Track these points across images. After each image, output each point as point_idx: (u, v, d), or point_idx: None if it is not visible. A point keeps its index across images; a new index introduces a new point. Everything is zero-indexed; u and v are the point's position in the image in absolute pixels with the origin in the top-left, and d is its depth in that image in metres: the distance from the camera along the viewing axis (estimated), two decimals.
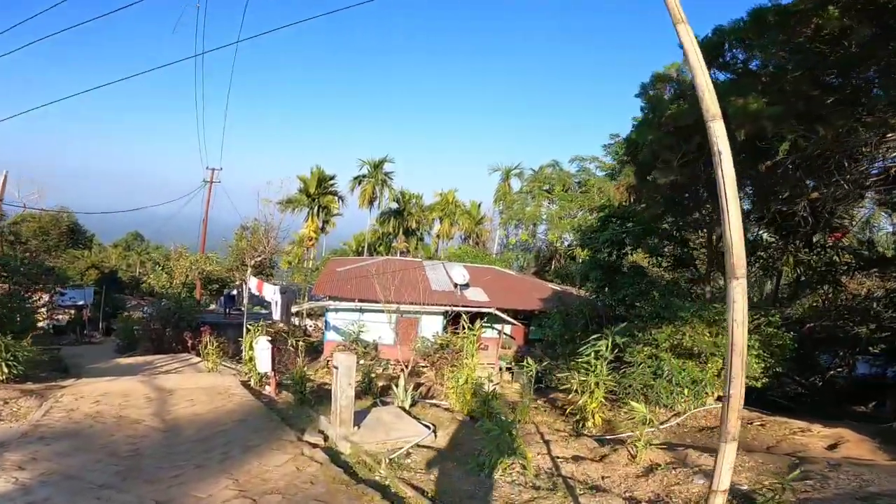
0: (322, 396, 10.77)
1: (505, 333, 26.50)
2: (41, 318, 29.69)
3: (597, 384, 8.94)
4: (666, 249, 15.89)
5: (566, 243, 37.18)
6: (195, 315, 19.76)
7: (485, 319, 23.93)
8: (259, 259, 30.20)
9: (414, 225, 41.14)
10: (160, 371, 13.23)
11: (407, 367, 18.61)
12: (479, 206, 42.95)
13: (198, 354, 14.25)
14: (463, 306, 22.11)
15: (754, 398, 11.01)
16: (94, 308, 28.44)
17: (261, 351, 10.32)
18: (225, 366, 14.18)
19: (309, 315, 30.74)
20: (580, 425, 9.44)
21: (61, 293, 30.04)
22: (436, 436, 7.59)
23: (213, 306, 28.24)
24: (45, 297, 29.39)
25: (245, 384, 10.83)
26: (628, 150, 15.39)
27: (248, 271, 23.69)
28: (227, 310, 22.78)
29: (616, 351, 9.62)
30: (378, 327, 21.50)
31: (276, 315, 16.68)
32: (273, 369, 10.58)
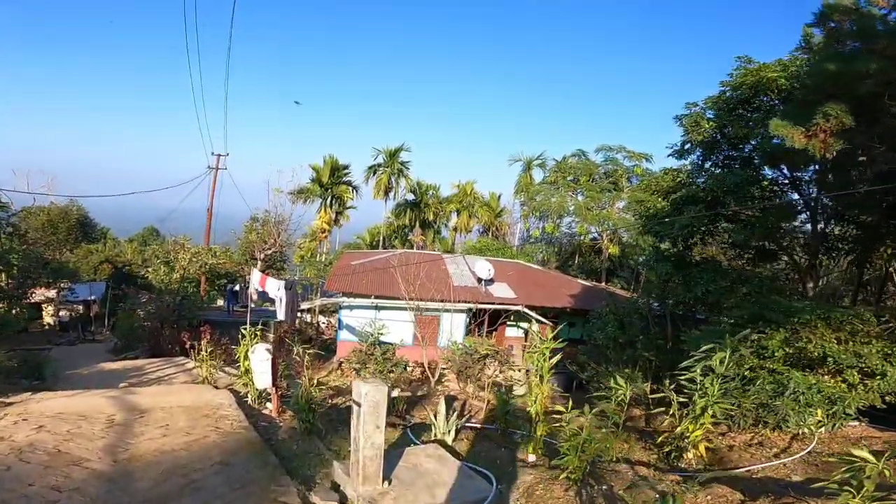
0: (335, 420, 8.58)
1: (530, 332, 24.19)
2: (47, 315, 28.17)
3: (703, 408, 6.52)
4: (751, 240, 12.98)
5: (592, 236, 34.72)
6: (196, 312, 17.61)
7: (510, 318, 21.58)
8: (269, 252, 28.16)
9: (431, 217, 38.80)
10: (147, 379, 11.08)
11: (433, 373, 16.39)
12: (499, 197, 40.56)
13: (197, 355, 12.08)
14: (488, 303, 19.80)
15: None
16: (103, 304, 26.56)
17: (258, 363, 8.10)
18: (224, 372, 12.01)
19: (322, 312, 28.64)
20: (674, 456, 7.09)
21: (70, 289, 28.41)
22: (502, 493, 5.30)
23: (220, 302, 26.29)
24: (51, 293, 27.91)
25: (241, 400, 8.62)
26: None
27: (258, 265, 21.59)
28: (231, 307, 20.68)
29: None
30: (395, 326, 19.22)
31: (281, 314, 14.45)
32: (275, 384, 8.33)
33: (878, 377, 7.53)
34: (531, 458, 6.80)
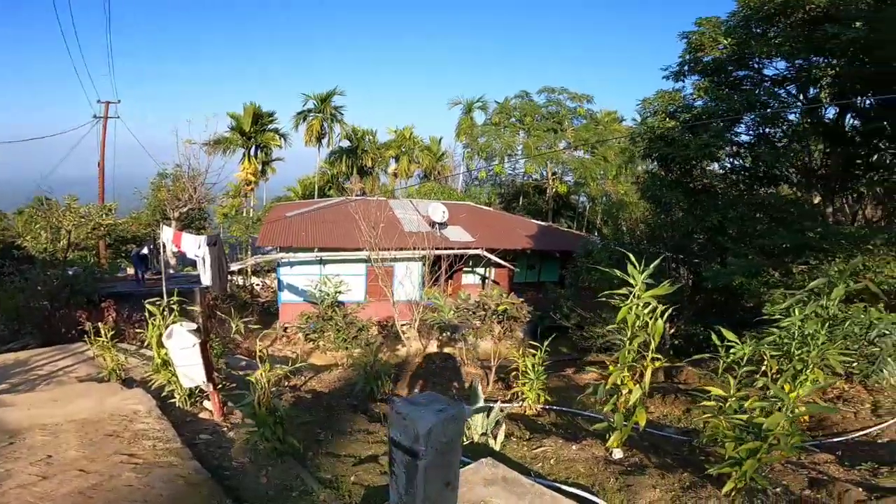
0: (308, 425, 6.49)
1: (487, 278, 22.83)
2: None
3: (805, 361, 4.99)
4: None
5: (536, 177, 33.83)
6: (96, 286, 14.25)
7: (469, 263, 19.90)
8: (185, 210, 24.28)
9: (369, 164, 35.88)
10: (35, 377, 8.22)
11: (406, 334, 14.41)
12: (440, 141, 38.30)
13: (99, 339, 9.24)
14: (447, 248, 17.94)
15: None
16: None
17: (179, 352, 5.63)
18: (140, 357, 9.39)
19: (255, 272, 25.56)
20: None
21: None
22: None
23: (130, 270, 22.47)
24: None
25: (165, 403, 6.24)
26: None
27: (172, 224, 18.14)
28: (142, 274, 17.31)
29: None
30: (344, 281, 16.98)
31: (206, 278, 11.68)
32: (210, 379, 5.98)
33: None
34: (617, 453, 5.09)
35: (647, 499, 4.14)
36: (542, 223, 25.84)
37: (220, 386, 6.46)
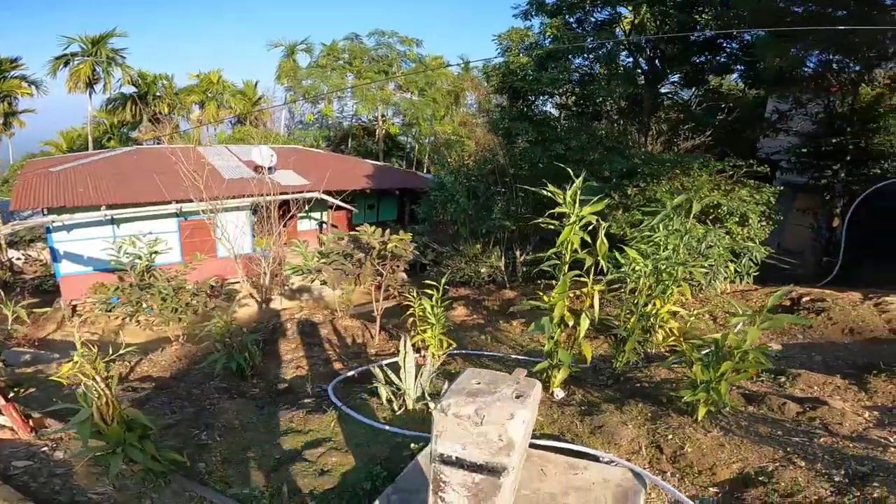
0: (175, 427, 4.86)
1: (325, 222, 20.93)
2: None
3: (663, 274, 4.90)
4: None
5: (363, 119, 32.08)
6: None
7: (301, 209, 17.78)
8: None
9: (165, 111, 29.48)
10: None
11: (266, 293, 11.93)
12: (255, 85, 33.42)
13: None
14: (282, 194, 15.64)
15: None
16: None
17: None
18: None
19: (11, 244, 19.41)
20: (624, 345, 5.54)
21: None
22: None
23: None
24: None
25: None
26: None
27: None
28: None
29: None
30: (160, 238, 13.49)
31: None
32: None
33: (746, 225, 7.48)
34: (559, 393, 4.31)
35: (625, 437, 3.63)
36: (378, 163, 24.56)
37: (11, 395, 4.27)
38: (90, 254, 14.13)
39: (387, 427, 4.54)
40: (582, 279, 4.39)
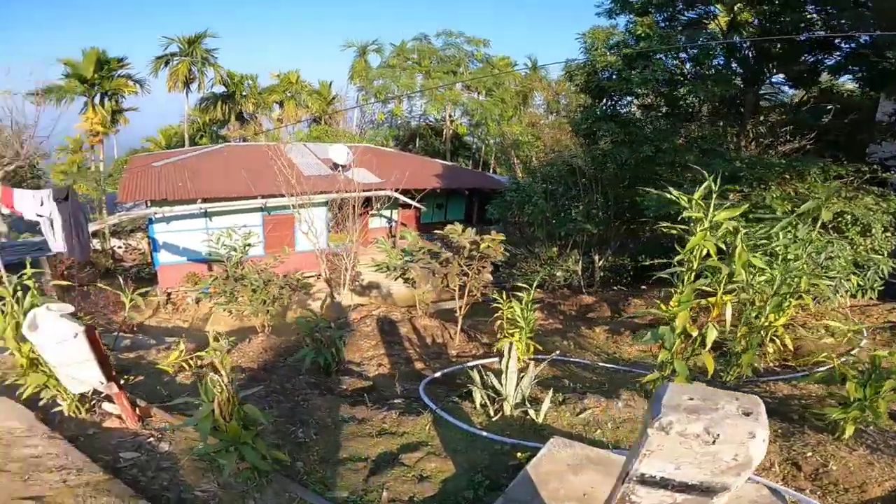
0: (274, 423, 4.77)
1: (394, 221, 21.27)
2: None
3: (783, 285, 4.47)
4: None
5: (431, 118, 32.43)
6: None
7: (374, 207, 18.10)
8: (12, 168, 18.91)
9: (250, 109, 31.36)
10: None
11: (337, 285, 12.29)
12: (330, 85, 34.77)
13: None
14: (356, 191, 15.98)
15: None
16: None
17: (55, 348, 3.57)
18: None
19: (115, 233, 21.19)
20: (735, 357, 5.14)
21: None
22: None
23: None
24: None
25: (47, 415, 4.14)
26: None
27: None
28: None
29: None
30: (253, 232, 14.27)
31: (58, 243, 8.71)
32: (111, 377, 3.97)
33: (869, 235, 6.74)
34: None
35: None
36: (447, 163, 24.65)
37: (123, 385, 4.38)
38: (185, 244, 15.17)
39: (486, 434, 4.43)
40: (702, 287, 4.08)
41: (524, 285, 6.05)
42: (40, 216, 10.43)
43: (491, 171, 30.12)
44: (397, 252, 8.52)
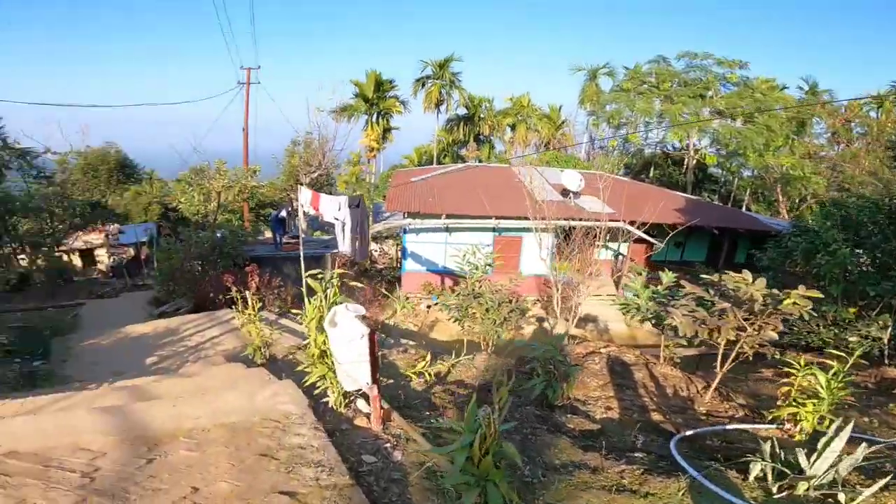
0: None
1: (622, 254, 20.01)
2: (101, 261, 25.86)
3: None
4: None
5: (670, 146, 29.63)
6: (240, 249, 14.02)
7: (601, 237, 17.29)
8: (315, 176, 24.25)
9: (486, 132, 33.93)
10: (183, 349, 7.60)
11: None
12: (560, 109, 35.11)
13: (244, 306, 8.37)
14: (586, 219, 15.56)
15: None
16: (151, 246, 23.75)
17: (345, 345, 4.27)
18: (280, 326, 8.49)
19: (374, 239, 25.05)
20: None
21: (121, 231, 25.78)
22: None
23: (268, 234, 23.01)
24: (100, 238, 25.36)
25: (317, 404, 4.93)
26: None
27: (299, 188, 17.84)
28: (279, 238, 17.12)
29: None
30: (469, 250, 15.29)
31: (345, 245, 10.43)
32: (376, 380, 4.54)
33: None
34: None
35: None
36: (691, 196, 22.19)
37: (380, 389, 4.98)
38: (427, 255, 17.05)
39: None
40: None
41: (838, 352, 4.87)
42: (336, 219, 12.91)
43: (744, 207, 25.93)
44: (647, 290, 7.88)
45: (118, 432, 3.93)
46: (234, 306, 7.58)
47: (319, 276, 4.97)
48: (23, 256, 18.99)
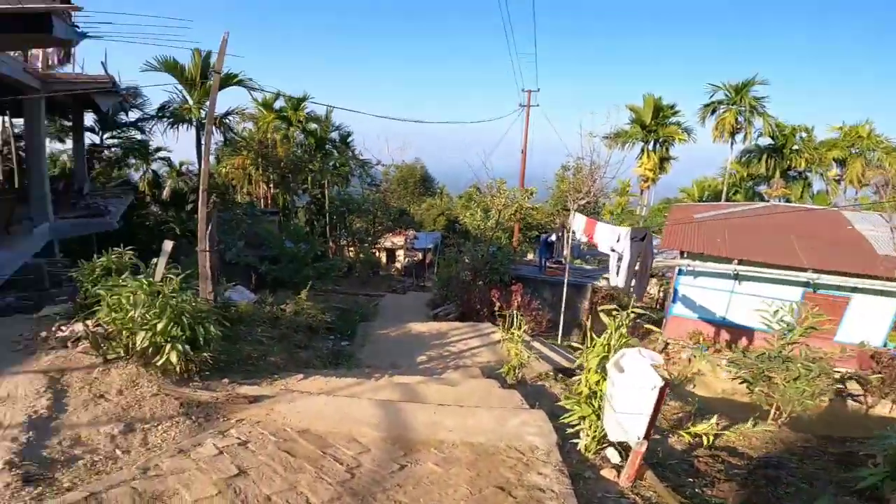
0: None
1: None
2: (398, 261, 31.97)
3: None
4: None
5: None
6: (508, 266, 14.70)
7: None
8: (584, 202, 23.86)
9: (801, 166, 27.20)
10: (447, 354, 8.22)
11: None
12: None
13: (505, 323, 8.62)
14: None
15: None
16: (435, 253, 28.02)
17: (628, 391, 3.72)
18: (532, 349, 8.32)
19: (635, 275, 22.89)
20: None
21: (416, 237, 31.31)
22: None
23: (529, 255, 23.77)
24: (400, 240, 31.32)
25: (563, 443, 4.52)
26: None
27: (572, 213, 17.58)
28: (544, 261, 17.26)
29: None
30: (759, 305, 11.71)
31: (619, 279, 9.56)
32: (648, 436, 3.75)
33: None
34: None
35: None
36: None
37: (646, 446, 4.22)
38: (702, 301, 14.53)
39: None
40: None
41: None
42: (613, 250, 12.07)
43: None
44: None
45: (385, 429, 4.27)
46: (495, 321, 7.78)
47: (615, 312, 4.53)
48: (351, 249, 24.69)
